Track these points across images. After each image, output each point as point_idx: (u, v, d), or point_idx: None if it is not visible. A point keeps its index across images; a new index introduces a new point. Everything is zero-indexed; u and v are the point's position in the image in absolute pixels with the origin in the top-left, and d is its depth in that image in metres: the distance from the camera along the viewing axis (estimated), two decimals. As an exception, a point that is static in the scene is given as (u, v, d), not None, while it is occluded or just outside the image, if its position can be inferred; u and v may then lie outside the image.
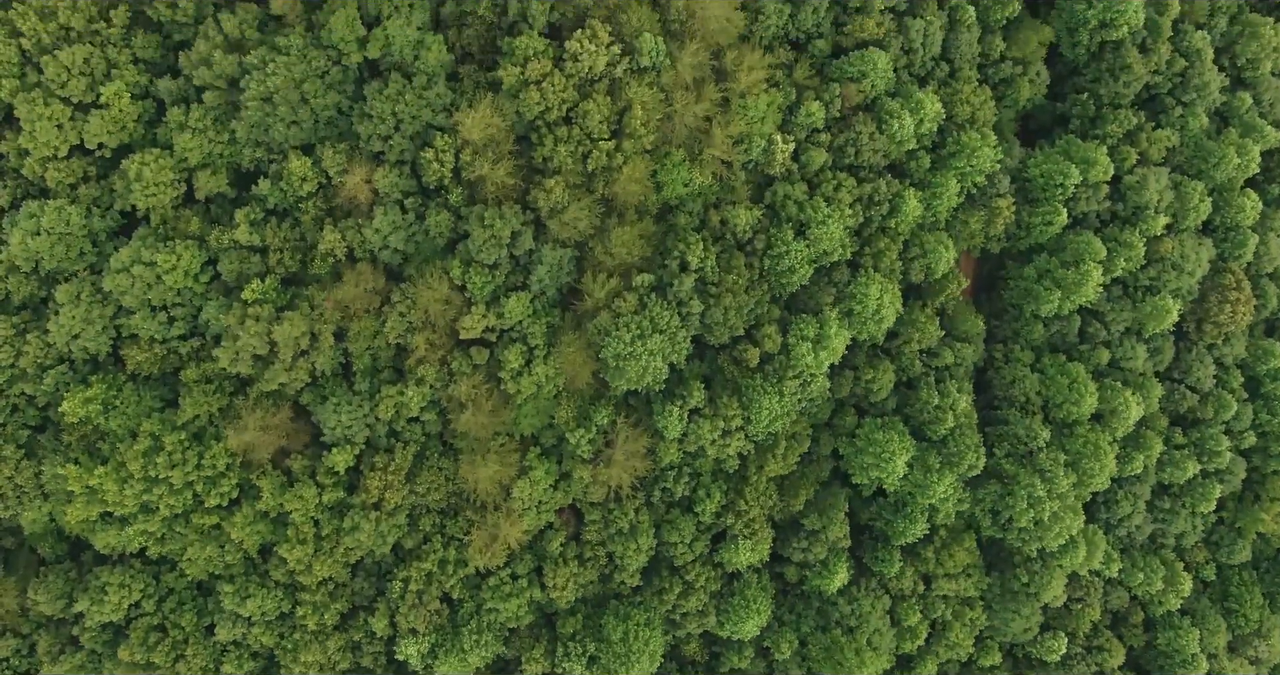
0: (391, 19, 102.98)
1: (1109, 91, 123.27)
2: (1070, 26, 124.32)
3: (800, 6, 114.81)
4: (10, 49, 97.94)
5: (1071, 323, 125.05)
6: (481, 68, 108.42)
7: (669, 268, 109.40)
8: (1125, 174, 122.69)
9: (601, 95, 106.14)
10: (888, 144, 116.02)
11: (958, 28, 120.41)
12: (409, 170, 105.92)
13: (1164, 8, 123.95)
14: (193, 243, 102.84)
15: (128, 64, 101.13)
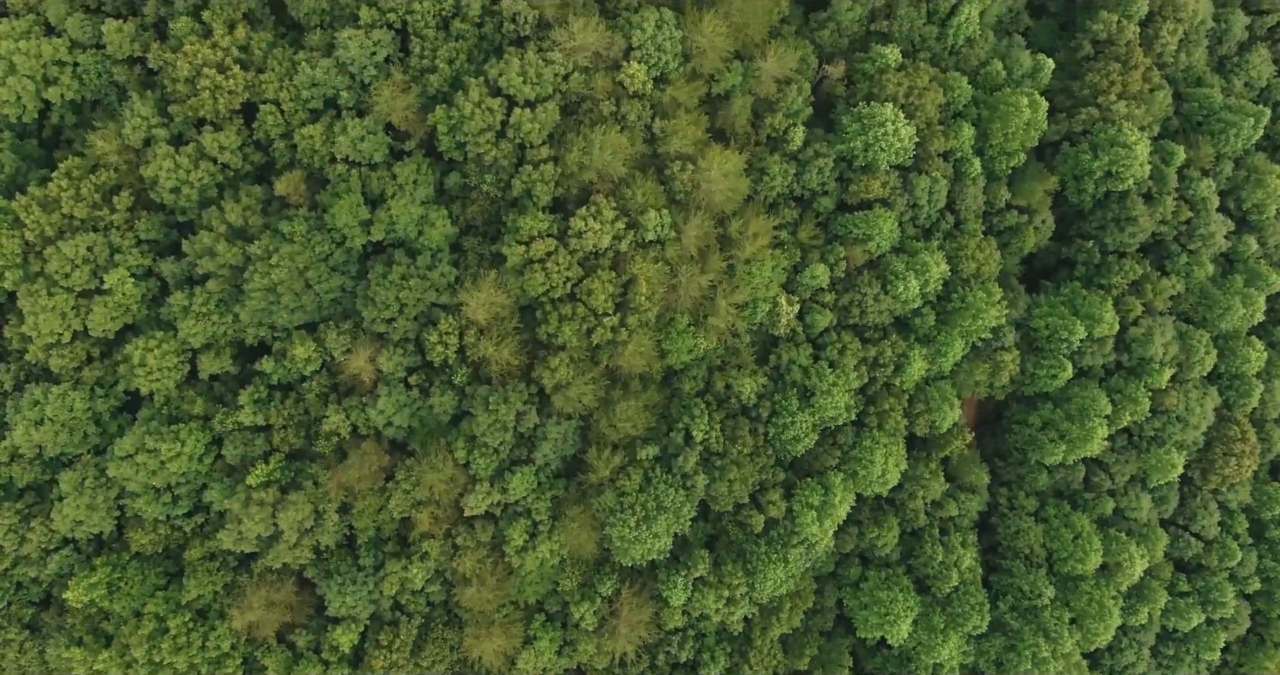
0: (395, 198, 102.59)
1: (1114, 240, 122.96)
2: (1075, 173, 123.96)
3: (805, 167, 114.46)
4: (13, 241, 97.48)
5: (1076, 471, 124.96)
6: (485, 239, 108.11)
7: (673, 440, 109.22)
8: (1130, 325, 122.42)
9: (605, 270, 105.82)
10: (893, 303, 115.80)
11: (963, 180, 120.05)
12: (413, 347, 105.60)
13: (1169, 156, 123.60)
14: (196, 425, 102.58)
15: (131, 248, 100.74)
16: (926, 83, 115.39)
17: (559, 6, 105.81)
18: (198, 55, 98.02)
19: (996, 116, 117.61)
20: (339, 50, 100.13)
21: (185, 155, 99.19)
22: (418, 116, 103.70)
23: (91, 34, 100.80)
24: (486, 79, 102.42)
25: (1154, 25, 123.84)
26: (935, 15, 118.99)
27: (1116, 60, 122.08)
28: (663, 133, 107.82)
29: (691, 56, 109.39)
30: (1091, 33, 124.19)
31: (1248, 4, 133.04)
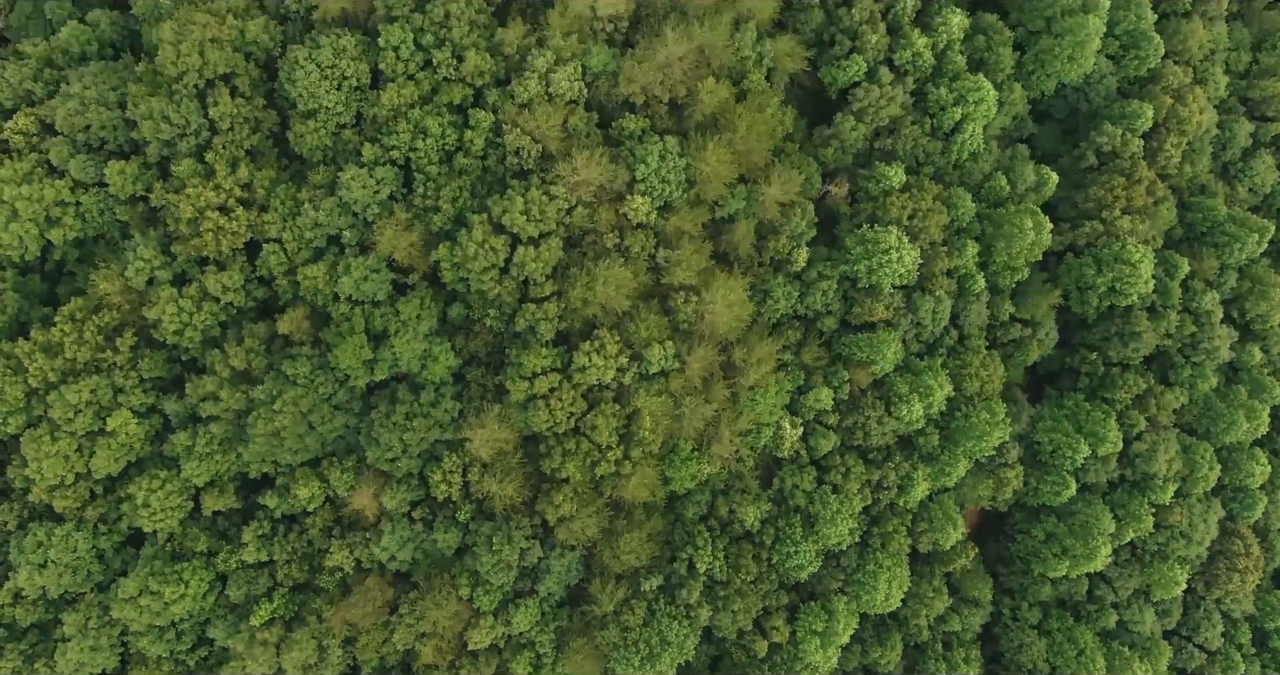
0: (398, 335, 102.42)
1: (1118, 353, 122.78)
2: (1079, 285, 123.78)
3: (809, 288, 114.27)
4: (16, 387, 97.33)
5: (1079, 584, 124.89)
6: (489, 371, 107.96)
7: (677, 570, 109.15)
8: (1134, 440, 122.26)
9: (609, 403, 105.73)
10: (897, 424, 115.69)
11: (966, 295, 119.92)
12: (417, 481, 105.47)
13: (1173, 269, 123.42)
14: (200, 563, 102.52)
15: (134, 387, 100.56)
16: (930, 203, 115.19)
17: (562, 139, 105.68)
18: (200, 198, 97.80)
19: (1001, 235, 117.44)
20: (342, 190, 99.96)
21: (188, 297, 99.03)
22: (421, 252, 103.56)
23: (94, 174, 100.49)
24: (489, 215, 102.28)
25: (1158, 137, 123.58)
26: (939, 130, 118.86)
27: (1120, 174, 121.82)
28: (666, 262, 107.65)
29: (695, 182, 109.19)
30: (1095, 144, 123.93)
31: (1251, 111, 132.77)
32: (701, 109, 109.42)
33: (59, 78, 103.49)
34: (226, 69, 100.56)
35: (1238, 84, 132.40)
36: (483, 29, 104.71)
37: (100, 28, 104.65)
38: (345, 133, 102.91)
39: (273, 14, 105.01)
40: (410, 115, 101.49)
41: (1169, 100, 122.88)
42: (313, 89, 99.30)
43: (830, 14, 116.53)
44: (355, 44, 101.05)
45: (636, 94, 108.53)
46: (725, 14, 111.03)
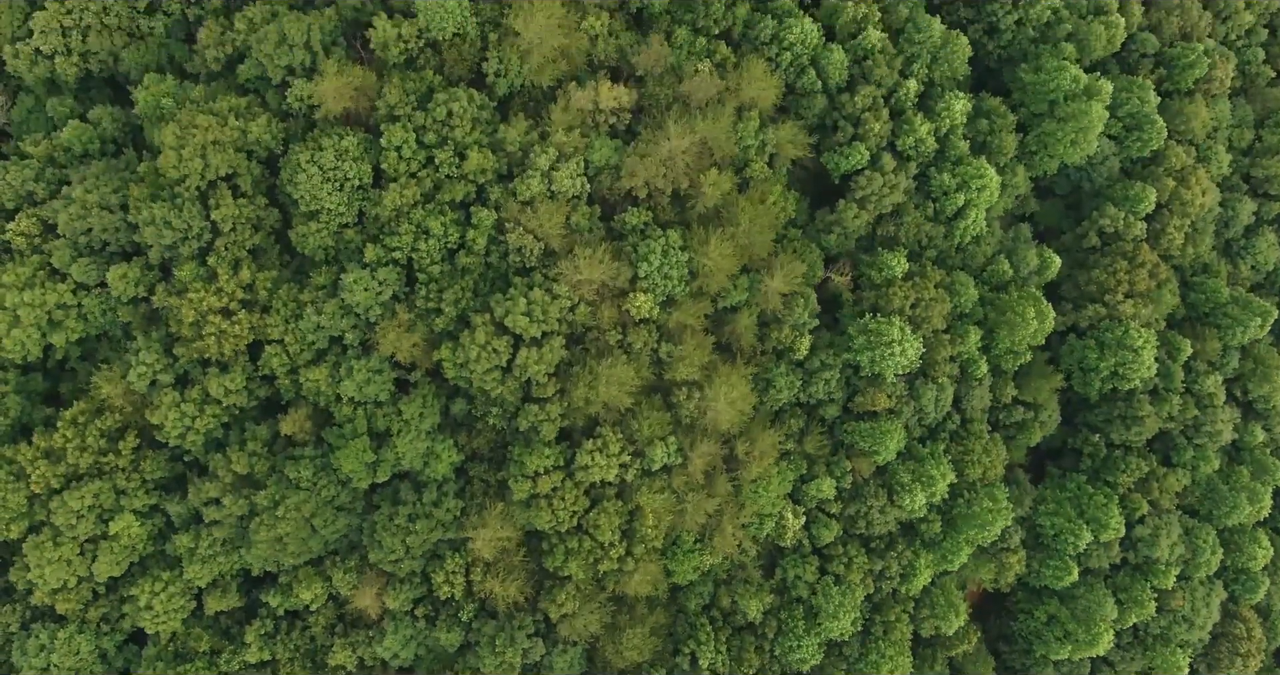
0: (401, 435, 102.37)
1: (1120, 436, 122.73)
2: (1081, 366, 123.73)
3: (812, 377, 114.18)
4: (18, 494, 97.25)
5: (1082, 666, 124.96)
6: (491, 466, 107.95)
7: (679, 665, 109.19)
8: (1136, 523, 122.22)
9: (611, 500, 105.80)
10: (899, 513, 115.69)
11: (969, 380, 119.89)
12: (420, 580, 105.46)
13: (1176, 351, 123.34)
14: (203, 663, 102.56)
15: (136, 489, 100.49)
16: (933, 292, 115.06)
17: (564, 235, 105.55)
18: (203, 303, 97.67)
19: (1004, 322, 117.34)
20: (344, 293, 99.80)
21: (191, 401, 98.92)
22: (424, 350, 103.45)
23: (96, 276, 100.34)
24: (492, 315, 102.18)
25: (1161, 219, 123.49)
26: (941, 214, 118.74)
27: (1123, 257, 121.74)
28: (669, 357, 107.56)
29: (698, 274, 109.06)
30: (1098, 224, 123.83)
31: (1254, 188, 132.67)
32: (704, 201, 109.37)
33: (61, 176, 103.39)
34: (228, 170, 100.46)
35: (1240, 161, 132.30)
36: (485, 125, 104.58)
37: (102, 125, 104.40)
38: (348, 232, 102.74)
39: (275, 111, 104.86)
40: (413, 215, 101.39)
41: (1172, 182, 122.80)
42: (315, 191, 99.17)
43: (833, 99, 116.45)
44: (357, 143, 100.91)
45: (640, 188, 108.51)
46: (728, 104, 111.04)
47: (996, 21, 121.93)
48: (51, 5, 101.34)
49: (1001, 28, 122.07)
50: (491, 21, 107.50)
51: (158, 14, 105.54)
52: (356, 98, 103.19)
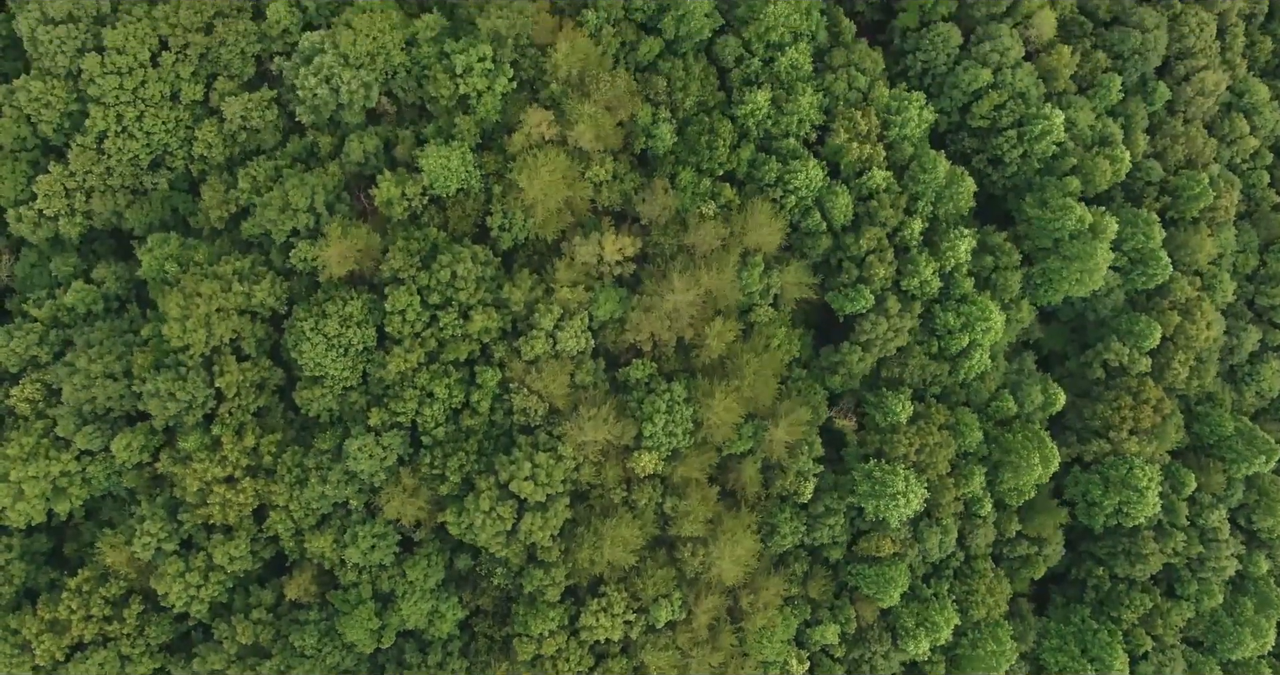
0: (406, 598, 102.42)
1: (1124, 571, 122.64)
2: (1086, 498, 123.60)
3: (816, 521, 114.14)
4: (22, 666, 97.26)
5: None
6: (496, 622, 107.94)
7: None
8: (1141, 659, 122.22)
9: (616, 657, 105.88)
10: (903, 655, 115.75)
11: (973, 519, 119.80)
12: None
13: (1180, 486, 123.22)
14: None
15: (141, 655, 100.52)
16: (938, 436, 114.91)
17: (569, 393, 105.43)
18: (207, 473, 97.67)
19: (1008, 464, 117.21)
20: (348, 461, 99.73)
21: (195, 569, 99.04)
22: (428, 513, 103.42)
23: (100, 442, 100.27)
24: (496, 478, 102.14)
25: (1166, 353, 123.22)
26: (945, 351, 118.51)
27: (1128, 392, 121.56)
28: (674, 512, 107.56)
29: (702, 424, 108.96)
30: (1103, 357, 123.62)
31: (1259, 314, 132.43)
32: (708, 353, 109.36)
33: (65, 337, 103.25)
34: (232, 335, 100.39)
35: (1245, 287, 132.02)
36: (489, 282, 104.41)
37: (106, 285, 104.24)
38: (352, 394, 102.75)
39: (279, 268, 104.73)
40: (417, 380, 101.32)
41: (1176, 317, 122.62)
42: (319, 359, 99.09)
43: (838, 238, 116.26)
44: (361, 306, 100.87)
45: (644, 341, 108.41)
46: (732, 251, 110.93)
47: (1001, 154, 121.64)
48: (55, 168, 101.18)
49: (1006, 161, 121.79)
50: (496, 174, 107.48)
51: (161, 169, 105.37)
52: (361, 258, 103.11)
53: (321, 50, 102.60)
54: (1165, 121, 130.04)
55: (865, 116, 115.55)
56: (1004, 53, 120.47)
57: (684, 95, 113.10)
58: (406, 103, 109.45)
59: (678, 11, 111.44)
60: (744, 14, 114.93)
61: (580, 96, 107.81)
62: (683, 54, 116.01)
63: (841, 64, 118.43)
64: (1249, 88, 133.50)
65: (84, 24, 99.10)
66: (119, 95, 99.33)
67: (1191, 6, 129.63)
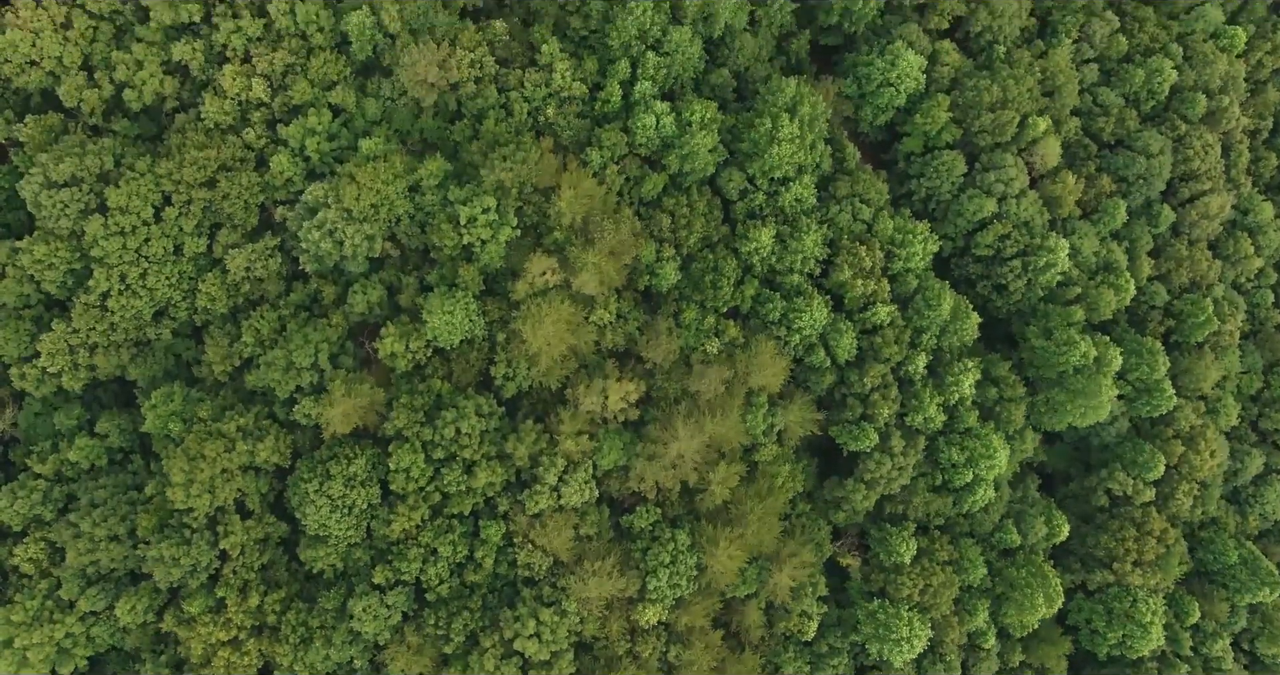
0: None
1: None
2: (1090, 626, 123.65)
3: (820, 661, 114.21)
4: None
5: None
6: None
7: None
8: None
9: None
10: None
11: (976, 651, 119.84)
12: None
13: (1184, 615, 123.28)
14: None
15: None
16: (942, 575, 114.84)
17: (573, 546, 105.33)
18: (211, 636, 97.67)
19: (1012, 600, 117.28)
20: (353, 621, 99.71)
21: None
22: (433, 670, 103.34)
23: (105, 603, 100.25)
24: (501, 636, 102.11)
25: (1170, 482, 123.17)
26: (949, 484, 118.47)
27: (1131, 523, 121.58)
28: (678, 661, 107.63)
29: (706, 568, 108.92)
30: (1106, 485, 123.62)
31: (1264, 438, 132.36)
32: (712, 499, 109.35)
33: (69, 492, 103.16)
34: (237, 495, 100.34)
35: (1249, 407, 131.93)
36: (493, 435, 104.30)
37: (109, 438, 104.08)
38: (356, 551, 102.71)
39: (282, 420, 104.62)
40: (421, 538, 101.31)
41: (1181, 446, 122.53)
42: (324, 520, 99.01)
43: (842, 373, 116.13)
44: (365, 464, 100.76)
45: (649, 490, 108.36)
46: (736, 394, 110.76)
47: (1005, 283, 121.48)
48: (58, 326, 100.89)
49: (1011, 289, 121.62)
50: (499, 321, 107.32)
51: (164, 319, 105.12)
52: (365, 413, 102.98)
53: (325, 204, 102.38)
54: (1169, 243, 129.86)
55: (869, 251, 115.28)
56: (1008, 183, 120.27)
57: (688, 233, 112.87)
58: (410, 247, 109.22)
59: (682, 150, 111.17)
60: (749, 148, 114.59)
61: (584, 243, 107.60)
62: (686, 188, 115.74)
63: (846, 194, 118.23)
64: (1253, 205, 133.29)
65: (87, 184, 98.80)
66: (122, 255, 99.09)
67: (1196, 128, 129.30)
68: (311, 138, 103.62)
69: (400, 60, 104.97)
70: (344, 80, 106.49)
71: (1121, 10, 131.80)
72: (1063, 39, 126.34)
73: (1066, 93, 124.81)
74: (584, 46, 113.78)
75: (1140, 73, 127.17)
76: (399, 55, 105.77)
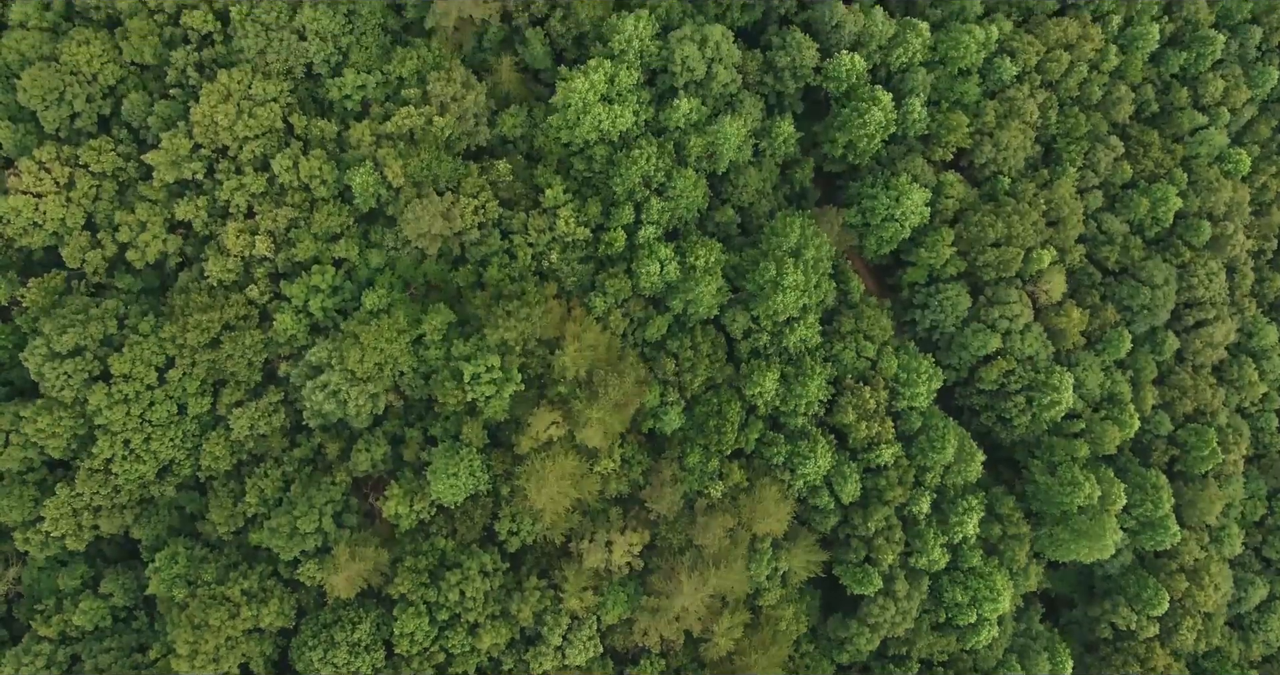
0: None
1: None
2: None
3: None
4: None
5: None
6: None
7: None
8: None
9: None
10: None
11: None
12: None
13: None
14: None
15: None
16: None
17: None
18: None
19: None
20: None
21: None
22: None
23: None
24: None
25: (1174, 617, 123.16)
26: (952, 621, 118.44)
27: (1136, 658, 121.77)
28: None
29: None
30: (1110, 618, 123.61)
31: (1268, 565, 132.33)
32: (716, 650, 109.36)
33: (73, 652, 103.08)
34: (241, 661, 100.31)
35: (1253, 534, 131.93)
36: (497, 592, 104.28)
37: (114, 599, 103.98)
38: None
39: (286, 578, 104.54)
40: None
41: (1185, 581, 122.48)
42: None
43: (846, 512, 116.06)
44: (369, 627, 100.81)
45: (654, 643, 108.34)
46: (740, 543, 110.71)
47: (1010, 418, 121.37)
48: (62, 491, 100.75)
49: (1015, 424, 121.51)
50: (504, 474, 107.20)
51: (168, 477, 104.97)
52: (369, 575, 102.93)
53: (329, 365, 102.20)
54: (1174, 370, 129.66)
55: (873, 392, 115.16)
56: (1013, 319, 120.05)
57: (692, 376, 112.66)
58: (414, 397, 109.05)
59: (686, 295, 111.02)
60: (753, 289, 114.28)
61: (588, 396, 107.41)
62: (690, 328, 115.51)
63: (850, 330, 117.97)
64: (1257, 329, 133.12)
65: (90, 354, 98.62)
66: (126, 422, 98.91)
67: (1201, 254, 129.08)
68: (315, 296, 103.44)
69: (404, 216, 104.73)
70: (347, 232, 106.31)
71: (1126, 134, 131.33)
72: (1067, 168, 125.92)
73: (1071, 224, 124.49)
74: (587, 186, 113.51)
75: (1145, 201, 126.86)
76: (402, 209, 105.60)
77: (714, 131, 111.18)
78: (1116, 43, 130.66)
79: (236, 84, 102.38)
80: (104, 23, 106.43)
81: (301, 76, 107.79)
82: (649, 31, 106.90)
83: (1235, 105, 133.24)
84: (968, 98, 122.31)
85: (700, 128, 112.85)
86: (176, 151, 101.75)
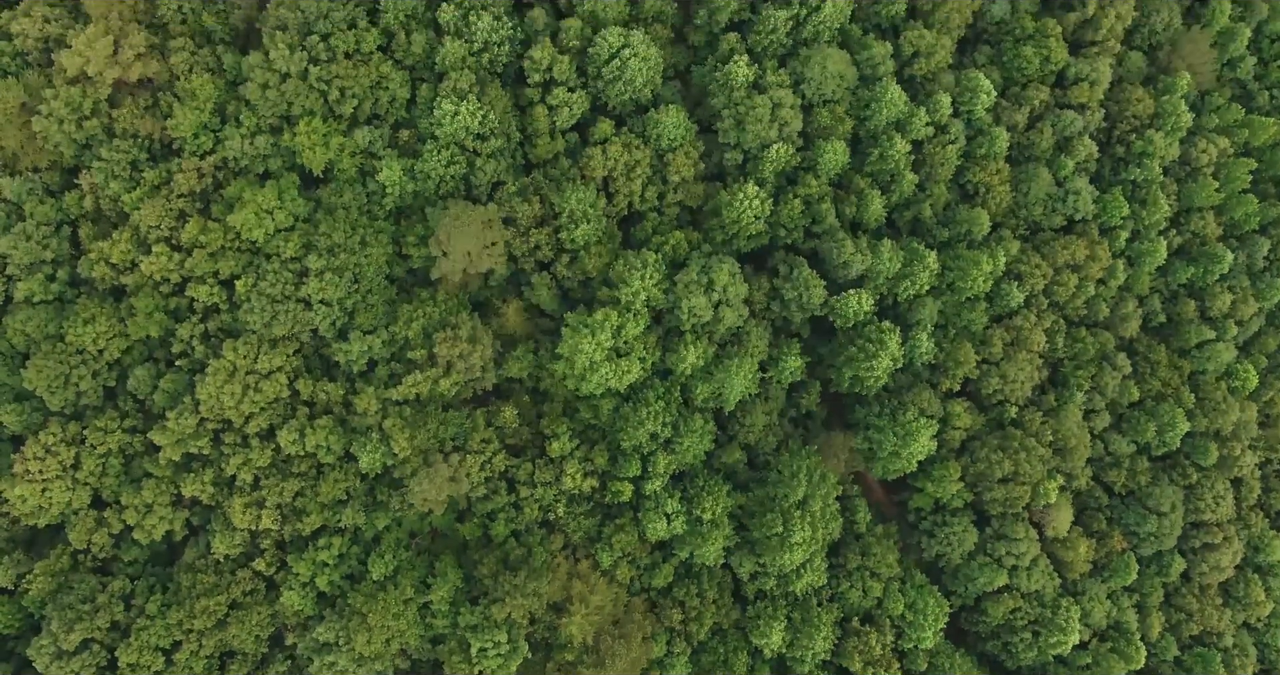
0: None
1: None
2: None
3: None
4: None
5: None
6: None
7: None
8: None
9: None
10: None
11: None
12: None
13: None
14: None
15: None
16: None
17: None
18: None
19: None
20: None
21: None
22: None
23: None
24: None
25: None
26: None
27: None
28: None
29: None
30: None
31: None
32: None
33: None
34: None
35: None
36: None
37: None
38: None
39: None
40: None
41: None
42: None
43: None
44: None
45: None
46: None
47: (1016, 651, 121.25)
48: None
49: (1022, 658, 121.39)
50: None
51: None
52: None
53: (336, 646, 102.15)
54: (1179, 590, 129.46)
55: (879, 636, 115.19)
56: (1019, 556, 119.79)
57: (699, 625, 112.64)
58: (421, 659, 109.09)
59: (694, 547, 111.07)
60: (759, 537, 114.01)
61: (595, 662, 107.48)
62: (697, 573, 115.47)
63: (856, 566, 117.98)
64: (1264, 543, 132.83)
65: (97, 647, 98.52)
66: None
67: (1209, 475, 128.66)
68: (322, 572, 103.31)
69: (411, 488, 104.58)
70: (354, 497, 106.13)
71: (1133, 349, 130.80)
72: (1074, 393, 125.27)
73: (1078, 454, 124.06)
74: (594, 431, 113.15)
75: (1152, 425, 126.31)
76: (409, 476, 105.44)
77: (720, 378, 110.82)
78: (1125, 256, 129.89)
79: (242, 359, 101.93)
80: (109, 292, 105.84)
81: (307, 339, 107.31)
82: (656, 277, 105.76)
83: (1243, 317, 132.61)
84: (975, 326, 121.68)
85: (708, 372, 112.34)
86: (183, 431, 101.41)
